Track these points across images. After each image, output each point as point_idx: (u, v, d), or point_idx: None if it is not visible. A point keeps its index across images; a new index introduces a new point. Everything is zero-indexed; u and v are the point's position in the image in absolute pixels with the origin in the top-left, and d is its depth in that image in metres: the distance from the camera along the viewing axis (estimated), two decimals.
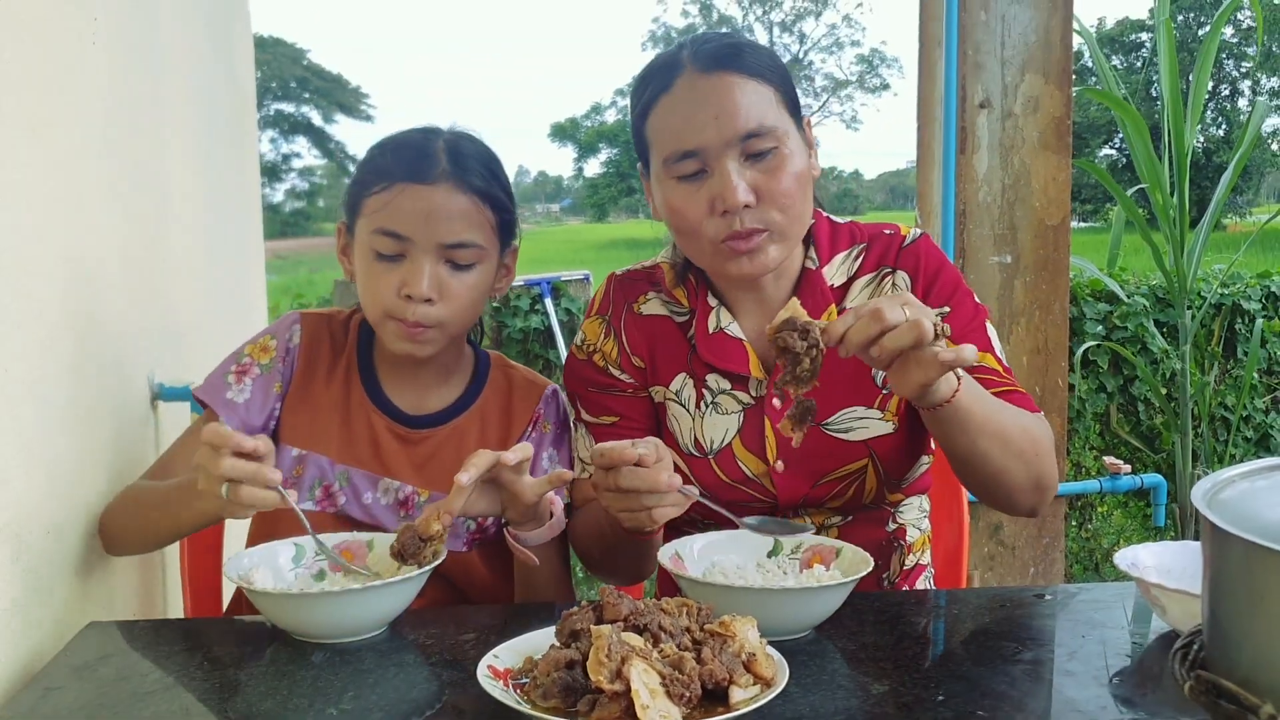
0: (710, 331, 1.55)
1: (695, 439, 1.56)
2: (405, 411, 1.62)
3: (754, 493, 1.54)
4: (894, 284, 1.54)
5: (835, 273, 1.55)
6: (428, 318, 1.51)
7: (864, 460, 1.52)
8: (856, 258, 1.57)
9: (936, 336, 1.20)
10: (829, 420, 1.52)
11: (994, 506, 1.52)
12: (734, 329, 1.54)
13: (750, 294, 1.56)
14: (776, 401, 1.52)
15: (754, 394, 1.54)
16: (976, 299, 1.56)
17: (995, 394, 1.45)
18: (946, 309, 1.47)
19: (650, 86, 1.47)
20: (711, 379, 1.55)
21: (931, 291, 1.52)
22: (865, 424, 1.51)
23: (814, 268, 1.54)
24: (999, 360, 1.52)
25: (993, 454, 1.38)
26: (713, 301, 1.56)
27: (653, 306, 1.60)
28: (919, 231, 1.58)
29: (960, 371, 1.29)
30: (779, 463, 1.52)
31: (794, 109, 1.47)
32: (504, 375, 1.70)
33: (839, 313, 1.52)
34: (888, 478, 1.54)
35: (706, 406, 1.55)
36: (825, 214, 1.60)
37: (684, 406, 1.57)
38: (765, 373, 1.54)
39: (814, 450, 1.51)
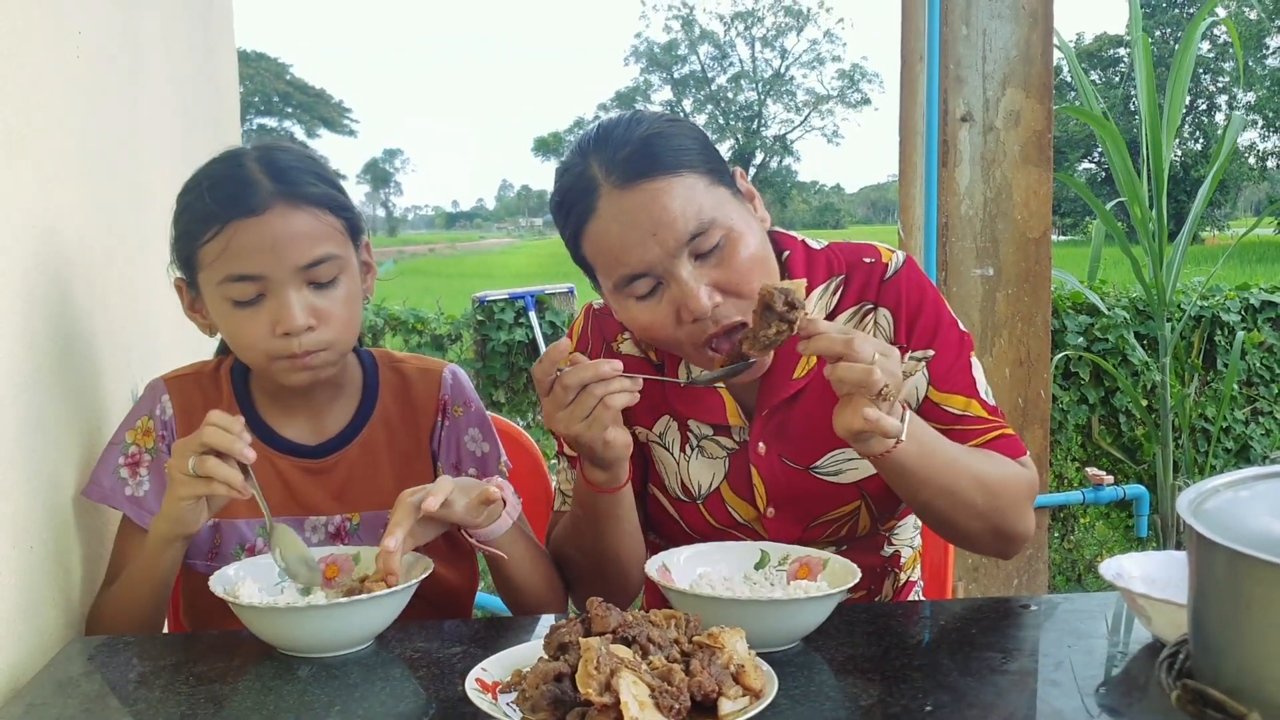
0: (683, 384, 1.50)
1: (682, 482, 1.53)
2: (306, 444, 1.55)
3: (745, 537, 1.51)
4: (875, 322, 1.49)
5: (813, 309, 1.47)
6: (316, 343, 1.42)
7: (856, 502, 1.50)
8: (835, 291, 1.50)
9: (880, 396, 1.20)
10: (818, 464, 1.49)
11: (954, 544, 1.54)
12: (704, 375, 1.48)
13: None
14: (762, 447, 1.49)
15: (737, 439, 1.51)
16: (961, 326, 1.51)
17: (977, 443, 1.45)
18: (930, 352, 1.44)
19: (573, 212, 1.38)
20: (694, 423, 1.52)
21: (914, 330, 1.48)
22: (855, 465, 1.48)
23: None
24: (983, 403, 1.48)
25: (937, 505, 1.38)
26: (678, 354, 1.49)
27: (629, 347, 1.56)
28: (901, 258, 1.50)
29: (905, 432, 1.28)
30: (770, 509, 1.50)
31: (724, 178, 1.40)
32: (395, 373, 1.61)
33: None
34: (880, 514, 1.52)
35: (692, 450, 1.52)
36: (801, 239, 1.54)
37: (668, 450, 1.53)
38: (745, 419, 1.50)
39: (805, 494, 1.49)
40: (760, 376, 1.48)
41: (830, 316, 1.49)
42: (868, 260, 1.50)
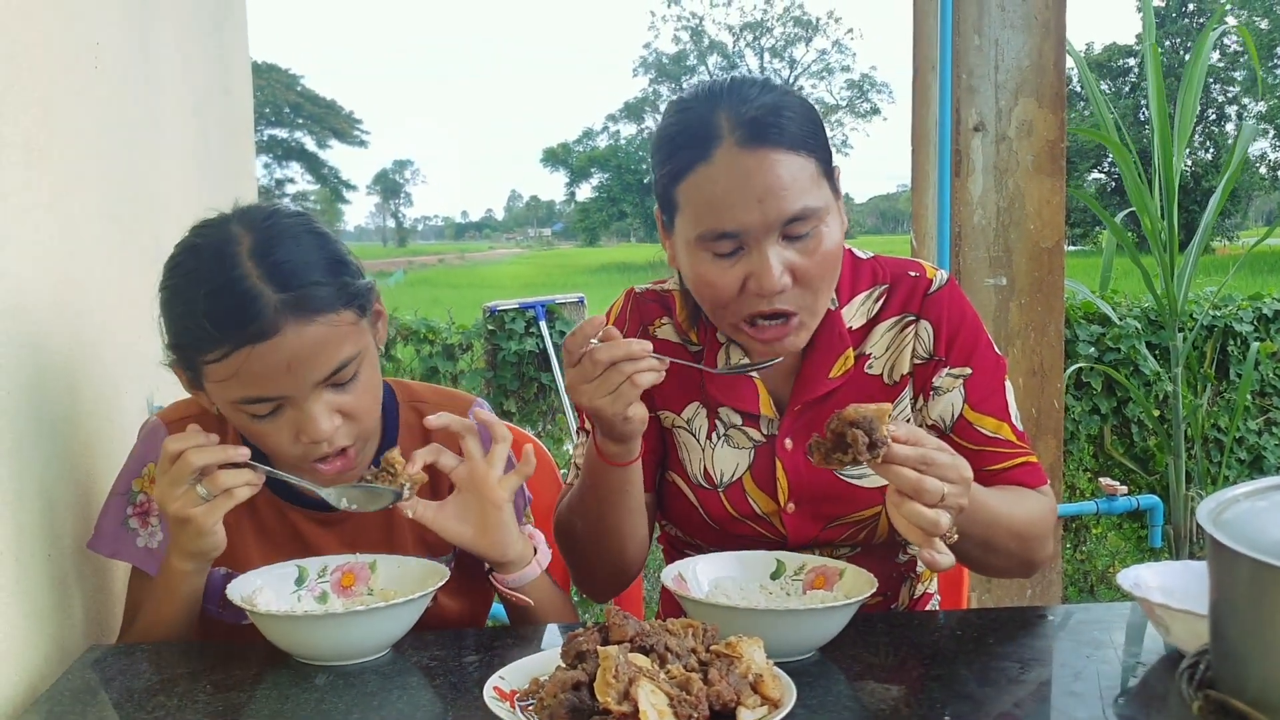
0: (718, 370, 1.50)
1: (705, 470, 1.54)
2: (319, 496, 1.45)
3: (762, 530, 1.52)
4: (916, 334, 1.50)
5: (854, 314, 1.51)
6: (347, 438, 1.36)
7: (878, 507, 1.49)
8: (878, 299, 1.52)
9: (943, 537, 1.20)
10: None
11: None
12: (745, 362, 1.50)
13: None
14: (789, 442, 1.50)
15: (765, 432, 1.52)
16: (996, 350, 1.53)
17: (1002, 468, 1.48)
18: (968, 370, 1.48)
19: (685, 151, 1.36)
20: (724, 412, 1.53)
21: (954, 346, 1.50)
22: None
23: (833, 308, 1.48)
24: (1014, 428, 1.50)
25: (973, 554, 1.40)
26: (722, 338, 1.52)
27: (667, 332, 1.57)
28: (945, 276, 1.53)
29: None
30: (790, 504, 1.50)
31: (830, 175, 1.41)
32: (416, 414, 1.52)
33: (856, 358, 1.49)
34: None
35: (718, 438, 1.53)
36: (848, 247, 1.53)
37: (695, 436, 1.54)
38: (777, 411, 1.51)
39: (827, 494, 1.49)
40: (796, 372, 1.50)
41: (872, 324, 1.51)
42: (912, 274, 1.53)
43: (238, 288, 1.26)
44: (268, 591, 1.36)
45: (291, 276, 1.28)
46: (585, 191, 50.94)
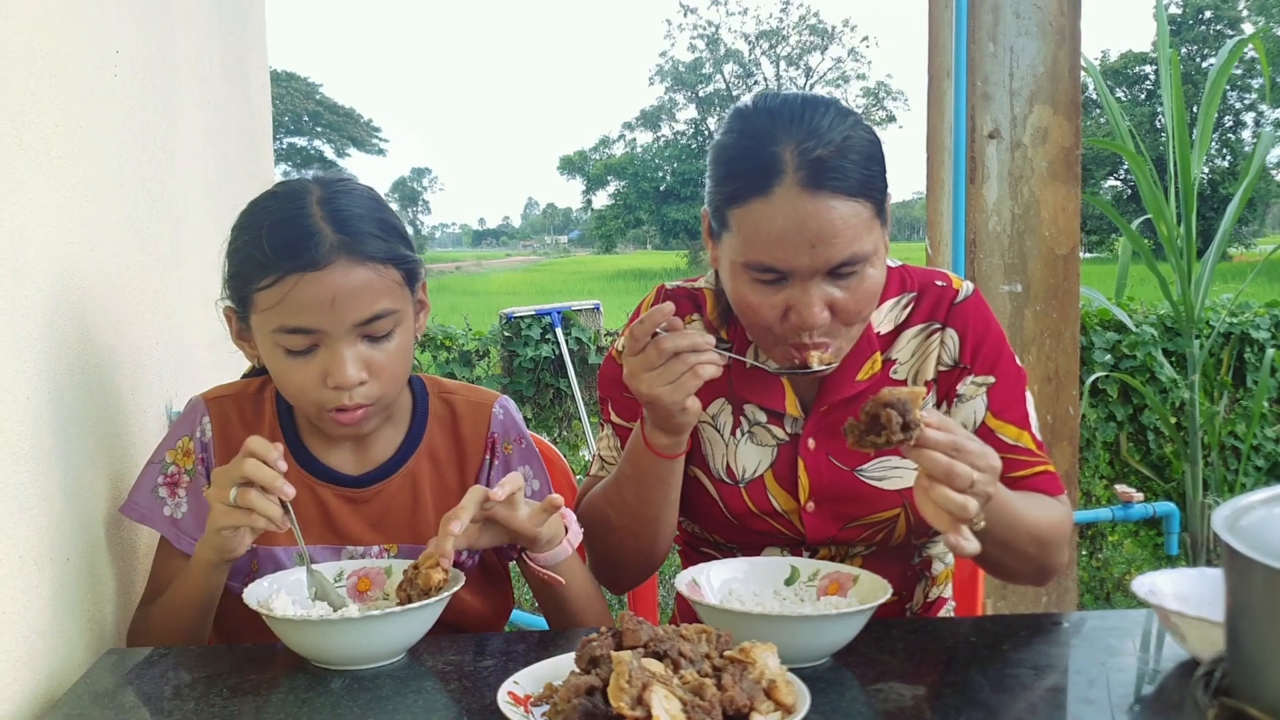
0: (747, 367, 1.53)
1: (727, 465, 1.55)
2: (348, 474, 1.53)
3: (781, 528, 1.54)
4: (942, 342, 1.52)
5: (882, 319, 1.53)
6: (365, 398, 1.42)
7: (897, 510, 1.51)
8: (906, 306, 1.55)
9: (970, 523, 1.20)
10: (864, 467, 1.51)
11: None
12: (772, 365, 1.51)
13: None
14: (812, 443, 1.52)
15: (789, 431, 1.54)
16: (1018, 361, 1.55)
17: (1022, 475, 1.49)
18: (991, 379, 1.50)
19: (745, 178, 1.36)
20: (749, 409, 1.55)
21: (979, 356, 1.52)
22: (900, 473, 1.50)
23: None
24: (1034, 436, 1.52)
25: (993, 555, 1.40)
26: (751, 336, 1.52)
27: (695, 328, 1.55)
28: (971, 287, 1.56)
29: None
30: (810, 503, 1.52)
31: (883, 209, 1.41)
32: (445, 404, 1.59)
33: (883, 362, 1.52)
34: (918, 526, 1.53)
35: (742, 434, 1.55)
36: None
37: (719, 432, 1.56)
38: (802, 411, 1.53)
39: (847, 495, 1.51)
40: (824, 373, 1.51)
41: (899, 329, 1.54)
42: (940, 283, 1.55)
43: (301, 223, 1.38)
44: (284, 596, 1.37)
45: (349, 222, 1.39)
46: (602, 199, 51.03)
